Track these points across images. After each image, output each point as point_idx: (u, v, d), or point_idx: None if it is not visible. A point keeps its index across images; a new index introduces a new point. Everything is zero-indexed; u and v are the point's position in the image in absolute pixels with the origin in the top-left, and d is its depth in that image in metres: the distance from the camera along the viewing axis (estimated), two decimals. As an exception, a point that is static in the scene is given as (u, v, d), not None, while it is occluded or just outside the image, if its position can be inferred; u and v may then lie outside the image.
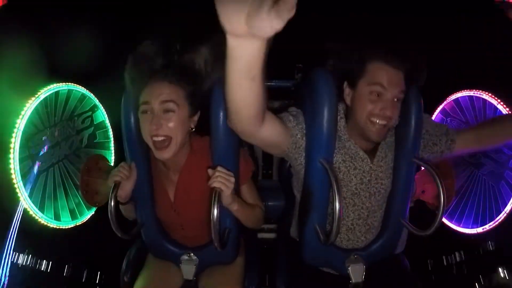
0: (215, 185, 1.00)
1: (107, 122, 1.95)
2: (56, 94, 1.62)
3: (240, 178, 1.20)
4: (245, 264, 1.39)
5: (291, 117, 1.11)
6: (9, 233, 1.39)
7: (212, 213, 1.03)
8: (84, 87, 1.77)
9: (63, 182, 1.68)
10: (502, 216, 1.50)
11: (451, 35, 1.37)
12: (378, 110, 1.03)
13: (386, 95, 1.03)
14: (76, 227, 1.70)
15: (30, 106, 1.47)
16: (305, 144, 1.16)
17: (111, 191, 1.17)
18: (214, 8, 0.53)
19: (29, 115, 1.47)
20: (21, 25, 1.43)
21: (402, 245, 1.33)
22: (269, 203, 1.92)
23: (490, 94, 1.55)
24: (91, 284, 1.79)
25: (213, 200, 1.04)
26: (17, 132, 1.42)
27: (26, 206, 1.45)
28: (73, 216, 1.70)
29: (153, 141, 1.02)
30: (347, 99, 1.13)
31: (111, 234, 1.17)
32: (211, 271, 1.33)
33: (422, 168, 1.49)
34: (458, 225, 1.69)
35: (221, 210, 1.07)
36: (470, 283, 1.68)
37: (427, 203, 1.57)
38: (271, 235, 1.96)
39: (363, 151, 1.16)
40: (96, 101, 1.87)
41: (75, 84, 1.73)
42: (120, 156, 1.94)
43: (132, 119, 1.22)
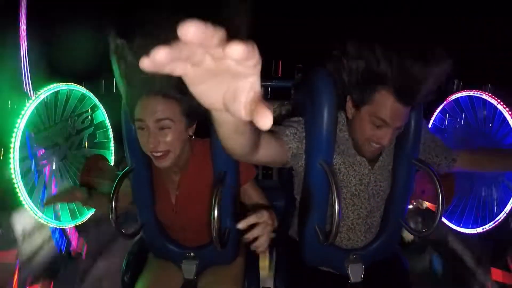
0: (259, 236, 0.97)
1: (107, 122, 1.95)
2: (56, 94, 1.62)
3: (242, 179, 1.21)
4: (245, 264, 1.40)
5: (287, 131, 1.10)
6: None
7: (212, 213, 1.03)
8: (84, 87, 1.77)
9: (63, 182, 1.68)
10: (502, 216, 1.50)
11: (452, 34, 1.37)
12: (376, 139, 1.03)
13: (388, 128, 1.01)
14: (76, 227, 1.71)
15: (30, 106, 1.47)
16: (304, 146, 1.16)
17: (111, 191, 1.18)
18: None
19: (29, 115, 1.47)
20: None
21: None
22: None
23: (490, 94, 1.55)
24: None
25: (213, 200, 1.04)
26: (17, 132, 1.42)
27: (26, 206, 1.46)
28: (73, 216, 1.71)
29: (152, 154, 1.03)
30: (348, 112, 1.12)
31: (111, 234, 1.17)
32: (211, 271, 1.34)
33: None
34: (458, 225, 1.69)
35: (221, 210, 1.07)
36: (470, 283, 1.68)
37: (427, 203, 1.57)
38: (271, 235, 1.96)
39: (360, 156, 1.16)
40: (96, 101, 1.87)
41: (75, 84, 1.73)
42: (120, 156, 1.94)
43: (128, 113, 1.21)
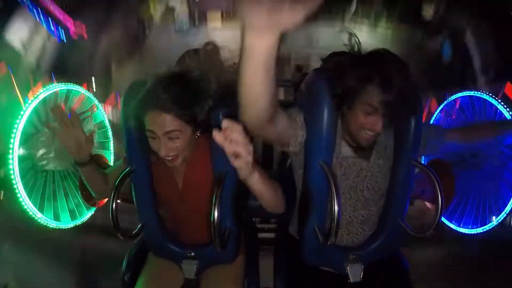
0: (233, 150, 0.85)
1: (107, 122, 1.94)
2: (55, 94, 1.61)
3: None
4: (245, 264, 1.40)
5: (297, 118, 1.16)
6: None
7: (212, 213, 1.03)
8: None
9: (63, 183, 1.68)
10: (502, 217, 1.50)
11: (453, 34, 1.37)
12: (369, 125, 1.11)
13: (379, 113, 1.09)
14: (76, 227, 1.71)
15: (29, 106, 1.47)
16: (304, 146, 1.18)
17: (112, 191, 1.18)
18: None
19: (28, 116, 1.47)
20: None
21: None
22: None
23: (491, 94, 1.55)
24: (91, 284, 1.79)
25: (213, 200, 1.04)
26: (16, 133, 1.42)
27: (25, 206, 1.46)
28: (73, 216, 1.71)
29: (164, 158, 1.12)
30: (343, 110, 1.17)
31: (111, 234, 1.17)
32: (212, 271, 1.34)
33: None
34: (458, 225, 1.69)
35: (221, 210, 1.07)
36: (470, 282, 1.68)
37: (427, 204, 1.57)
38: (271, 235, 1.97)
39: (360, 150, 1.20)
40: (96, 101, 1.86)
41: (74, 84, 1.73)
42: (120, 156, 1.94)
43: (132, 120, 1.21)
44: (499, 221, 1.51)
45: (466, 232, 1.64)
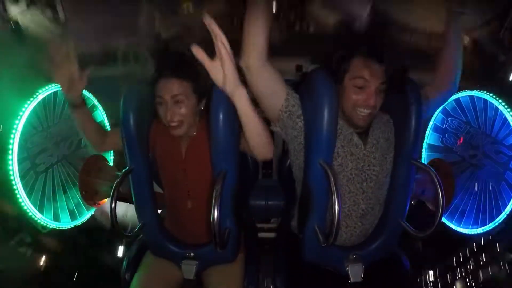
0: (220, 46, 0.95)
1: (106, 122, 1.94)
2: (55, 94, 1.61)
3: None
4: (245, 263, 1.40)
5: (293, 92, 1.20)
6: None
7: (212, 213, 1.03)
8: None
9: (62, 183, 1.68)
10: (502, 217, 1.50)
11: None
12: (362, 101, 1.15)
13: (369, 87, 1.14)
14: (76, 227, 1.70)
15: (28, 107, 1.47)
16: (304, 143, 1.19)
17: (111, 191, 1.18)
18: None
19: (27, 116, 1.47)
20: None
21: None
22: (269, 203, 1.92)
23: (491, 94, 1.54)
24: (91, 284, 1.79)
25: (213, 200, 1.04)
26: (15, 133, 1.42)
27: (25, 207, 1.45)
28: (73, 217, 1.70)
29: (169, 124, 1.22)
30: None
31: (111, 234, 1.17)
32: (212, 270, 1.34)
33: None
34: (458, 226, 1.68)
35: (221, 210, 1.07)
36: (469, 282, 1.68)
37: (427, 204, 1.57)
38: (271, 235, 1.97)
39: (357, 136, 1.23)
40: (95, 101, 1.86)
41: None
42: (119, 156, 1.94)
43: (131, 120, 1.22)
44: (499, 221, 1.51)
45: (466, 232, 1.64)
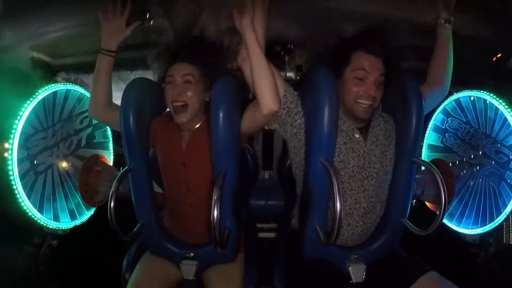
0: None
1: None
2: (54, 94, 1.61)
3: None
4: (245, 262, 1.40)
5: (290, 89, 1.24)
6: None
7: (212, 213, 1.03)
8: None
9: (62, 183, 1.67)
10: (502, 217, 1.50)
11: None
12: (363, 92, 1.19)
13: (369, 78, 1.18)
14: (75, 227, 1.70)
15: (28, 106, 1.47)
16: (304, 140, 1.20)
17: (111, 191, 1.17)
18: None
19: (27, 116, 1.46)
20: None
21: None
22: (269, 203, 1.92)
23: (491, 95, 1.54)
24: (91, 284, 1.79)
25: (214, 200, 1.04)
26: (15, 133, 1.41)
27: (25, 207, 1.45)
28: (73, 217, 1.70)
29: (174, 106, 1.25)
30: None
31: (111, 234, 1.17)
32: (212, 270, 1.34)
33: (422, 168, 1.49)
34: (458, 226, 1.68)
35: (221, 210, 1.07)
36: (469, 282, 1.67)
37: (427, 204, 1.57)
38: (271, 235, 1.97)
39: (358, 133, 1.25)
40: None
41: (73, 84, 1.72)
42: (119, 156, 1.94)
43: (131, 119, 1.22)
44: (499, 221, 1.51)
45: (466, 232, 1.64)
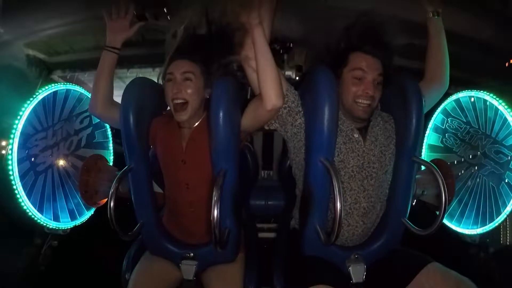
0: None
1: (106, 122, 1.93)
2: (54, 94, 1.61)
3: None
4: (245, 262, 1.40)
5: (291, 88, 1.25)
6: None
7: (212, 213, 1.03)
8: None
9: (62, 183, 1.67)
10: (502, 217, 1.50)
11: (452, 34, 1.37)
12: (361, 91, 1.20)
13: (367, 78, 1.20)
14: (75, 227, 1.70)
15: (28, 107, 1.47)
16: (304, 140, 1.20)
17: (111, 190, 1.17)
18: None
19: (27, 116, 1.46)
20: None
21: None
22: (269, 203, 1.92)
23: (491, 95, 1.54)
24: (92, 284, 1.79)
25: (214, 199, 1.04)
26: (15, 133, 1.41)
27: (25, 207, 1.45)
28: (73, 217, 1.70)
29: (174, 103, 1.25)
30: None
31: (111, 234, 1.17)
32: (212, 271, 1.34)
33: (422, 168, 1.49)
34: (458, 226, 1.68)
35: (221, 210, 1.07)
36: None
37: (427, 204, 1.57)
38: (271, 235, 1.97)
39: (357, 133, 1.26)
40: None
41: (73, 84, 1.72)
42: (119, 156, 1.94)
43: (131, 119, 1.22)
44: (499, 221, 1.51)
45: (466, 232, 1.64)
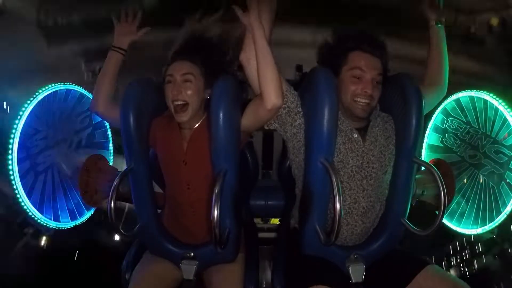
0: None
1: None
2: (54, 94, 1.61)
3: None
4: (245, 262, 1.40)
5: (291, 89, 1.26)
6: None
7: (212, 212, 1.03)
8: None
9: (62, 183, 1.67)
10: (502, 217, 1.50)
11: (453, 34, 1.38)
12: (360, 90, 1.20)
13: (366, 77, 1.20)
14: (75, 227, 1.70)
15: (28, 107, 1.47)
16: (304, 141, 1.20)
17: (111, 191, 1.18)
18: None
19: (27, 116, 1.46)
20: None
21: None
22: (269, 203, 1.92)
23: (491, 95, 1.54)
24: (92, 284, 1.79)
25: (214, 199, 1.04)
26: (15, 133, 1.42)
27: (25, 207, 1.45)
28: (73, 217, 1.70)
29: (174, 105, 1.25)
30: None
31: (111, 234, 1.17)
32: (212, 270, 1.34)
33: (423, 168, 1.49)
34: (458, 226, 1.68)
35: (221, 209, 1.07)
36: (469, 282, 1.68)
37: (427, 204, 1.57)
38: (271, 235, 1.97)
39: (357, 133, 1.26)
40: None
41: (73, 84, 1.72)
42: (119, 156, 1.94)
43: (131, 119, 1.22)
44: (499, 221, 1.51)
45: (466, 232, 1.64)
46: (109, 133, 1.95)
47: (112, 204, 1.16)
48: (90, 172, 1.66)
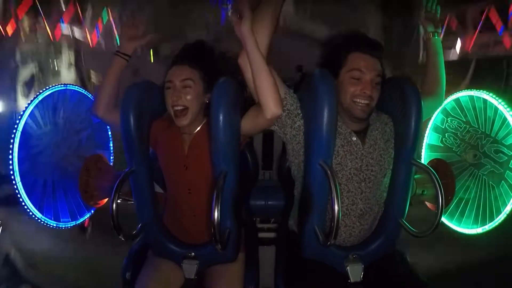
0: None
1: (106, 122, 1.93)
2: (54, 94, 1.61)
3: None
4: (245, 262, 1.41)
5: (290, 91, 1.27)
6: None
7: (212, 213, 1.04)
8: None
9: (62, 183, 1.68)
10: (502, 217, 1.50)
11: (452, 34, 1.38)
12: (359, 91, 1.20)
13: (365, 78, 1.20)
14: (76, 227, 1.70)
15: (28, 107, 1.47)
16: (303, 143, 1.21)
17: (112, 192, 1.18)
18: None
19: (28, 116, 1.47)
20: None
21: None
22: (269, 203, 1.93)
23: (491, 94, 1.54)
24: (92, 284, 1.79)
25: (214, 200, 1.05)
26: (15, 133, 1.42)
27: (25, 207, 1.45)
28: (73, 217, 1.70)
29: (174, 110, 1.26)
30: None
31: (111, 234, 1.17)
32: (213, 270, 1.35)
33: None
34: (458, 226, 1.68)
35: (222, 210, 1.07)
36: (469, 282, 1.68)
37: (427, 204, 1.58)
38: (271, 235, 1.97)
39: (356, 136, 1.26)
40: (95, 101, 1.85)
41: (73, 84, 1.72)
42: (119, 156, 1.94)
43: (131, 120, 1.22)
44: (499, 221, 1.51)
45: (466, 232, 1.64)
46: (109, 133, 1.95)
47: (114, 205, 1.16)
48: (90, 172, 1.67)
